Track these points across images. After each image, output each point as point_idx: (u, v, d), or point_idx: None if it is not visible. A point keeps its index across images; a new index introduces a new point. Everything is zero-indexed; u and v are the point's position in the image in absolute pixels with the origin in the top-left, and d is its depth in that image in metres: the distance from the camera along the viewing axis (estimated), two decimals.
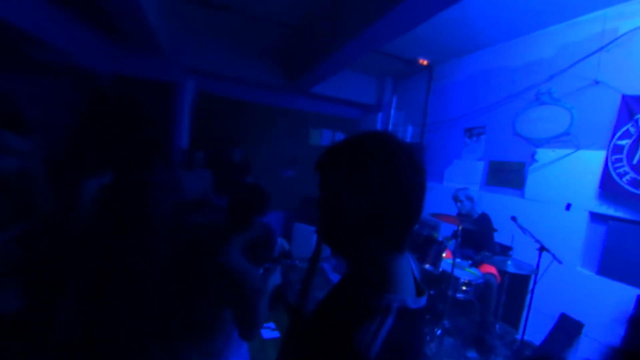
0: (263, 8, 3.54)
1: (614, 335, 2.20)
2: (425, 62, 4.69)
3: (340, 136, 6.15)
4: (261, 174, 5.19)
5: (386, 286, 0.62)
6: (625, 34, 2.78)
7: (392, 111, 5.73)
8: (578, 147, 3.04)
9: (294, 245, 4.86)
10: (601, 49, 2.93)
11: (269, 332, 2.93)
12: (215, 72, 4.80)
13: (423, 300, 0.65)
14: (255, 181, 4.87)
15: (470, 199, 3.44)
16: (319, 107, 5.91)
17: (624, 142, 2.68)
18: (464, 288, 2.97)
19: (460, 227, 2.94)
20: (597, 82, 2.94)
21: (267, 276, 1.53)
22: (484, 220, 3.32)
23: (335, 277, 4.24)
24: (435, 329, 2.91)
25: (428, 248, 3.06)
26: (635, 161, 2.61)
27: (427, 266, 3.00)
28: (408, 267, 0.68)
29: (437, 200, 4.57)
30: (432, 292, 3.22)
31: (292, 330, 0.94)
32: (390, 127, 5.73)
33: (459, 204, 3.48)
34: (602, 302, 2.67)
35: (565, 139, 3.16)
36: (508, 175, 3.65)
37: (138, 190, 1.02)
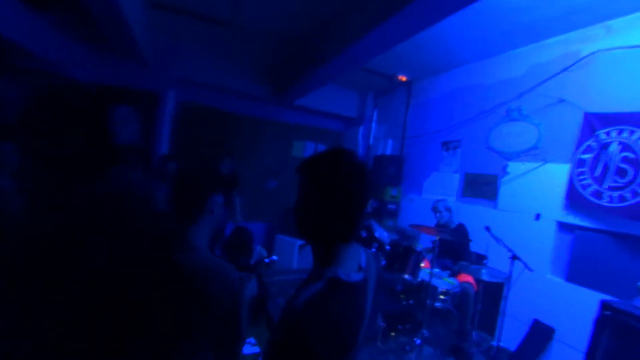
0: (250, 21, 3.61)
1: (583, 338, 2.30)
2: (404, 79, 4.88)
3: (322, 148, 6.23)
4: (244, 185, 5.17)
5: (327, 263, 0.81)
6: (586, 56, 2.99)
7: (373, 125, 5.89)
8: (546, 161, 3.21)
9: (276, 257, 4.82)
10: (565, 69, 3.14)
11: (249, 347, 2.87)
12: (199, 82, 4.82)
13: (356, 276, 0.82)
14: (239, 192, 4.79)
15: (448, 209, 3.56)
16: (303, 119, 5.99)
17: (587, 156, 2.87)
18: (442, 297, 3.03)
19: (437, 238, 3.04)
20: (561, 101, 3.15)
21: (242, 285, 1.26)
22: (461, 231, 3.43)
23: None
24: (415, 339, 2.96)
25: (407, 258, 3.13)
26: (597, 174, 2.79)
27: (406, 276, 3.07)
28: (354, 253, 0.86)
29: (417, 211, 4.69)
30: (411, 301, 3.28)
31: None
32: (371, 140, 5.87)
33: (437, 214, 3.59)
34: (571, 308, 2.79)
35: (533, 152, 3.34)
36: (482, 187, 3.81)
37: (87, 201, 0.89)
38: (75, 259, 0.82)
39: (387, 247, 3.36)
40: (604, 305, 2.23)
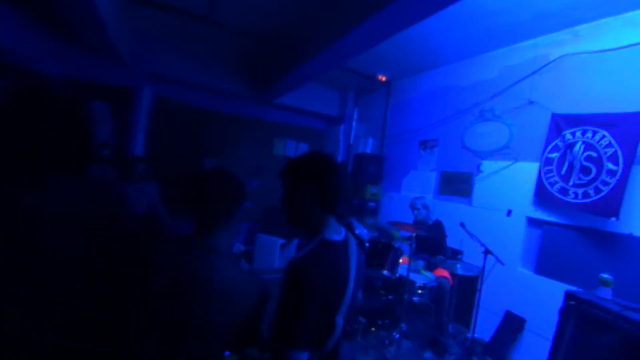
0: (229, 17, 3.56)
1: (551, 328, 2.43)
2: (384, 78, 4.96)
3: (304, 146, 6.23)
4: None
5: (315, 233, 1.09)
6: (554, 60, 3.13)
7: (354, 124, 5.95)
8: (516, 159, 3.36)
9: (257, 257, 4.80)
10: (534, 72, 3.28)
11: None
12: (176, 79, 4.70)
13: (338, 237, 1.11)
14: None
15: (426, 207, 3.67)
16: (284, 118, 5.96)
17: (554, 155, 3.02)
18: (419, 291, 3.13)
19: (414, 234, 3.12)
20: (531, 102, 3.29)
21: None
22: (438, 227, 3.54)
23: None
24: (394, 333, 3.03)
25: (386, 255, 3.20)
26: (563, 172, 2.94)
27: (385, 272, 3.13)
28: (335, 226, 1.13)
29: (397, 208, 4.79)
30: (390, 297, 3.35)
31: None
32: (352, 139, 5.93)
33: (415, 211, 3.69)
34: (540, 299, 2.93)
35: (505, 152, 3.48)
36: (458, 184, 3.93)
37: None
38: (57, 260, 0.80)
39: (367, 244, 3.41)
40: (568, 295, 2.36)
